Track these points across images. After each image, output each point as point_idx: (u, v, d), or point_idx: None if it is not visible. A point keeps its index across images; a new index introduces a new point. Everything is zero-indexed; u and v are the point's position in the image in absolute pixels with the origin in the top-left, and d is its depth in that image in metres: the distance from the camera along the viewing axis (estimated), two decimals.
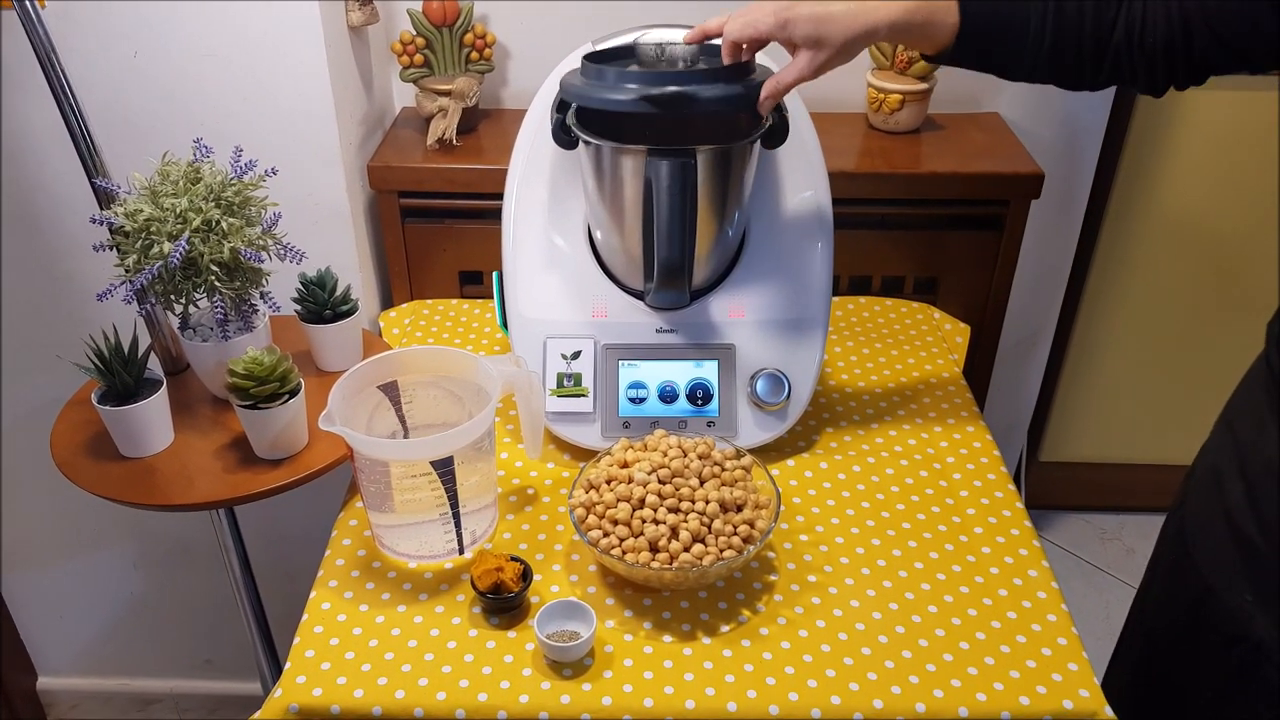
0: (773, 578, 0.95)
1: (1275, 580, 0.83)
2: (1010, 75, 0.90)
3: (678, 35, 1.09)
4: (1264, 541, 0.84)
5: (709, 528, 0.90)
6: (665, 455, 0.96)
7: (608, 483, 0.95)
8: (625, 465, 0.96)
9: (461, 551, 0.97)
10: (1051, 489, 2.10)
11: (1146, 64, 0.83)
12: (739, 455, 0.98)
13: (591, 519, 0.92)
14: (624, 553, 0.89)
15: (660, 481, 0.93)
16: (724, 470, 0.95)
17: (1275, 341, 0.85)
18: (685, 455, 0.96)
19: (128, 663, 1.81)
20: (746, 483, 0.95)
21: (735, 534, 0.90)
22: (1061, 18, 0.84)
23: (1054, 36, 0.84)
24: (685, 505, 0.91)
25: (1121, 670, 1.07)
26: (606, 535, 0.91)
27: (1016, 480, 1.97)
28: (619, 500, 0.92)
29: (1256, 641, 0.85)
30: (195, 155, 1.02)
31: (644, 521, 0.90)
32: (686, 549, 0.89)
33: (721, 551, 0.89)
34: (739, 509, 0.92)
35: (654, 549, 0.90)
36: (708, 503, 0.91)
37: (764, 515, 0.93)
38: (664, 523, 0.90)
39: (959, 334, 1.33)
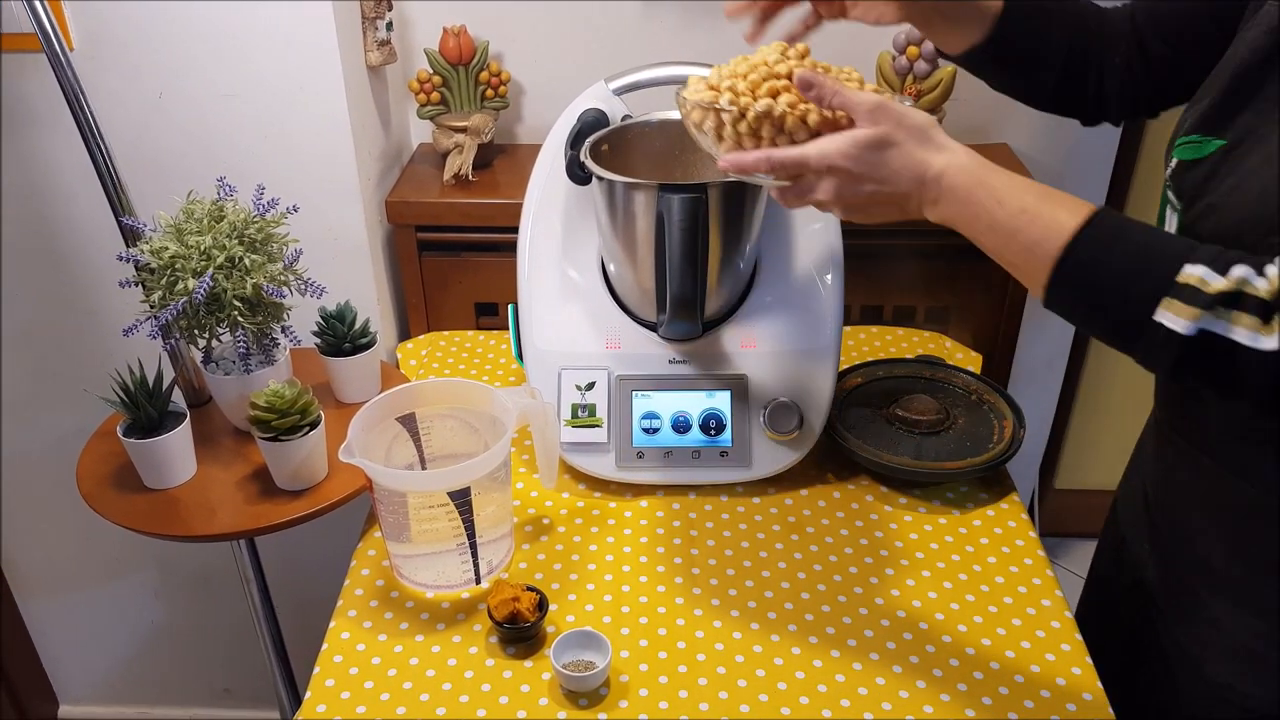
0: (787, 606, 0.96)
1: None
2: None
3: (689, 72, 1.11)
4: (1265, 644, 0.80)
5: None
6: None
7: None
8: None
9: (478, 581, 0.98)
10: (1067, 516, 2.09)
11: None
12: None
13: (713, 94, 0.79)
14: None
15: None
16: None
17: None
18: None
19: (148, 691, 1.82)
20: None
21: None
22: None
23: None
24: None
25: None
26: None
27: (1030, 509, 1.96)
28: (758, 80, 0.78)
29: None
30: (219, 193, 1.04)
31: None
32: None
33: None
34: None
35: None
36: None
37: None
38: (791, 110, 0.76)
39: (971, 363, 1.34)
